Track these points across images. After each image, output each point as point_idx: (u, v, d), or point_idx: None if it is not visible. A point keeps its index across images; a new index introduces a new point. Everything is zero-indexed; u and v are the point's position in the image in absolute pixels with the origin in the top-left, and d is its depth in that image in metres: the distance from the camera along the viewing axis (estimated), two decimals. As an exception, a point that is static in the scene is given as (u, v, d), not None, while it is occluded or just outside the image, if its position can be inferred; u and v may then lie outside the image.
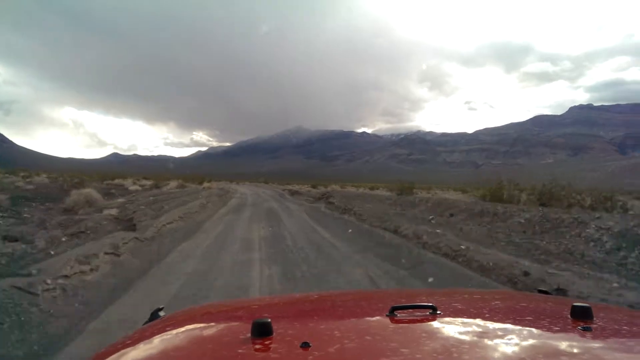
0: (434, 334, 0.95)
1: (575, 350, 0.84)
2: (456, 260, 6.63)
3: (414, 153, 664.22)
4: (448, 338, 0.91)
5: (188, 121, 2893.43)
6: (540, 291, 1.54)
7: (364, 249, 8.42)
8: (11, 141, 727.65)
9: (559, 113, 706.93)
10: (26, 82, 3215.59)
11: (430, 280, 5.83)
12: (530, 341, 0.89)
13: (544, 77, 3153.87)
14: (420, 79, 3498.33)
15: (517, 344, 0.86)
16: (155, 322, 1.24)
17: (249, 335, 0.90)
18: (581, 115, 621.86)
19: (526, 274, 5.25)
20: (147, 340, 1.02)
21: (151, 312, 1.37)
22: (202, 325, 1.17)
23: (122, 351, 0.94)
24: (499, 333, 0.94)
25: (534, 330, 0.96)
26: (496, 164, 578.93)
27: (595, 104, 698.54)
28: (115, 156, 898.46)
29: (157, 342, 1.01)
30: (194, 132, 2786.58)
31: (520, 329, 0.96)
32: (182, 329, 1.11)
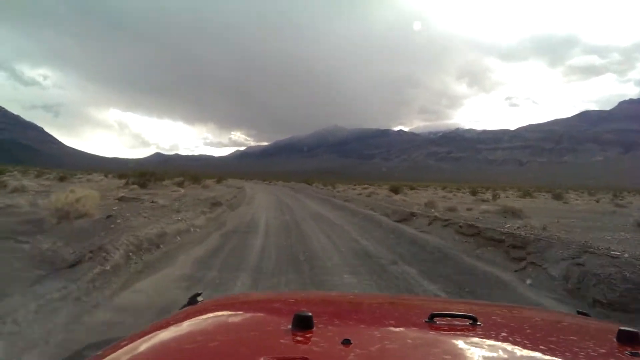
0: (475, 345, 0.93)
1: None
2: None
3: (454, 151, 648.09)
4: (489, 351, 0.90)
5: (226, 122, 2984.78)
6: (580, 312, 1.49)
7: None
8: (61, 142, 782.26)
9: (607, 108, 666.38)
10: (74, 85, 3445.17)
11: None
12: None
13: (591, 71, 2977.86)
14: (458, 75, 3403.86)
15: None
16: (194, 306, 1.27)
17: (290, 327, 0.91)
18: (631, 110, 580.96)
19: None
20: (188, 323, 1.03)
21: (189, 297, 1.39)
22: (241, 313, 1.19)
23: (162, 332, 0.96)
24: (542, 350, 0.92)
25: (579, 352, 0.93)
26: (542, 161, 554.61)
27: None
28: (158, 156, 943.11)
29: (198, 326, 1.03)
30: (232, 132, 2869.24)
31: (564, 349, 0.94)
32: (222, 314, 1.14)
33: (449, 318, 1.06)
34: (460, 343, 0.94)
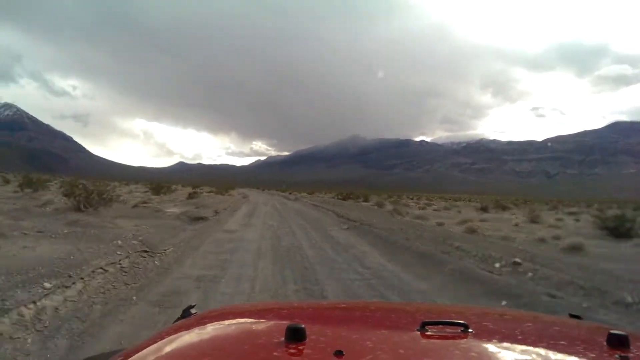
0: (466, 353, 0.94)
1: None
2: None
3: (478, 162, 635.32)
4: (480, 358, 0.90)
5: (248, 131, 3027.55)
6: (572, 316, 1.50)
7: None
8: (88, 151, 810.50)
9: (638, 119, 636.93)
10: (102, 96, 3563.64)
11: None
12: None
13: (621, 81, 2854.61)
14: (483, 85, 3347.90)
15: None
16: (187, 319, 1.25)
17: (283, 339, 0.90)
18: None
19: None
20: (181, 337, 1.03)
21: (183, 309, 1.38)
22: (235, 325, 1.18)
23: (155, 346, 0.95)
24: (533, 356, 0.93)
25: (569, 356, 0.94)
26: (572, 173, 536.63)
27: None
28: (181, 165, 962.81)
29: (191, 339, 1.02)
30: (254, 142, 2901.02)
31: (554, 354, 0.95)
32: (216, 326, 1.13)
33: (440, 326, 1.06)
34: (452, 351, 0.95)
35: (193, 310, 1.36)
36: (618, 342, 0.97)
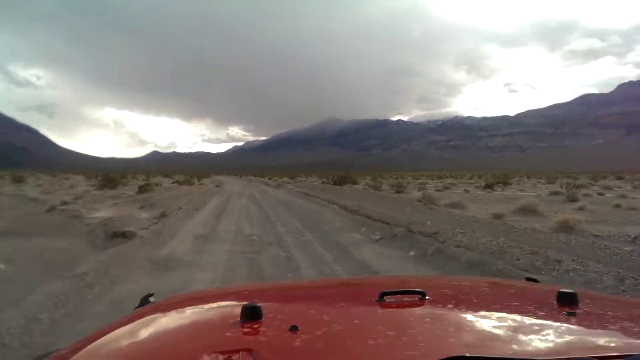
0: (422, 318, 0.96)
1: (559, 335, 0.85)
2: None
3: (453, 139, 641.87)
4: (435, 322, 0.93)
5: (224, 117, 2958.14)
6: (529, 279, 1.55)
7: None
8: (55, 143, 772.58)
9: (607, 91, 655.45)
10: (67, 85, 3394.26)
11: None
12: (515, 326, 0.91)
13: (591, 55, 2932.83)
14: (456, 63, 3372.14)
15: (501, 329, 0.89)
16: (145, 307, 1.24)
17: (239, 319, 0.90)
18: (631, 92, 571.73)
19: None
20: (136, 325, 1.02)
21: (141, 298, 1.36)
22: (191, 310, 1.17)
23: (112, 334, 0.94)
24: (485, 318, 0.96)
25: (519, 316, 0.98)
26: (543, 147, 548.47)
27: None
28: (155, 154, 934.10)
29: (146, 327, 1.01)
30: (230, 128, 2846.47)
31: (505, 315, 0.99)
32: (172, 313, 1.12)
33: (399, 295, 1.08)
34: (408, 317, 0.98)
35: (152, 299, 1.33)
36: (567, 300, 1.01)
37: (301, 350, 0.79)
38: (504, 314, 1.00)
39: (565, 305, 1.00)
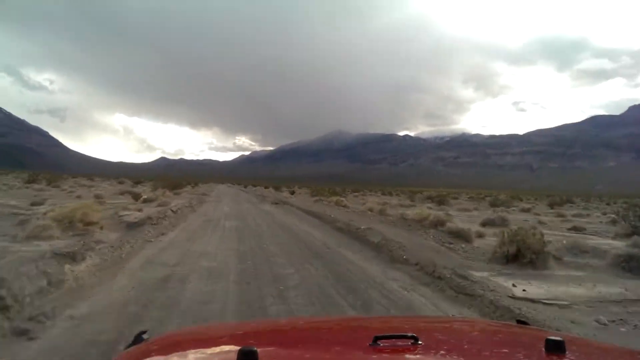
0: None
1: None
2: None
3: (461, 156, 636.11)
4: None
5: (231, 126, 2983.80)
6: (519, 321, 1.59)
7: None
8: (65, 146, 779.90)
9: (616, 113, 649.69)
10: (80, 90, 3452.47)
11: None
12: None
13: (601, 75, 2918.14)
14: (465, 79, 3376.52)
15: None
16: (139, 345, 1.22)
17: None
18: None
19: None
20: None
21: (135, 335, 1.35)
22: (188, 351, 1.16)
23: None
24: None
25: None
26: (553, 167, 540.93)
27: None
28: (163, 160, 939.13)
29: None
30: (237, 137, 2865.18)
31: None
32: (168, 354, 1.10)
33: (392, 339, 1.09)
34: None
35: (145, 336, 1.34)
36: (554, 347, 1.03)
37: None
38: None
39: (553, 352, 1.01)
